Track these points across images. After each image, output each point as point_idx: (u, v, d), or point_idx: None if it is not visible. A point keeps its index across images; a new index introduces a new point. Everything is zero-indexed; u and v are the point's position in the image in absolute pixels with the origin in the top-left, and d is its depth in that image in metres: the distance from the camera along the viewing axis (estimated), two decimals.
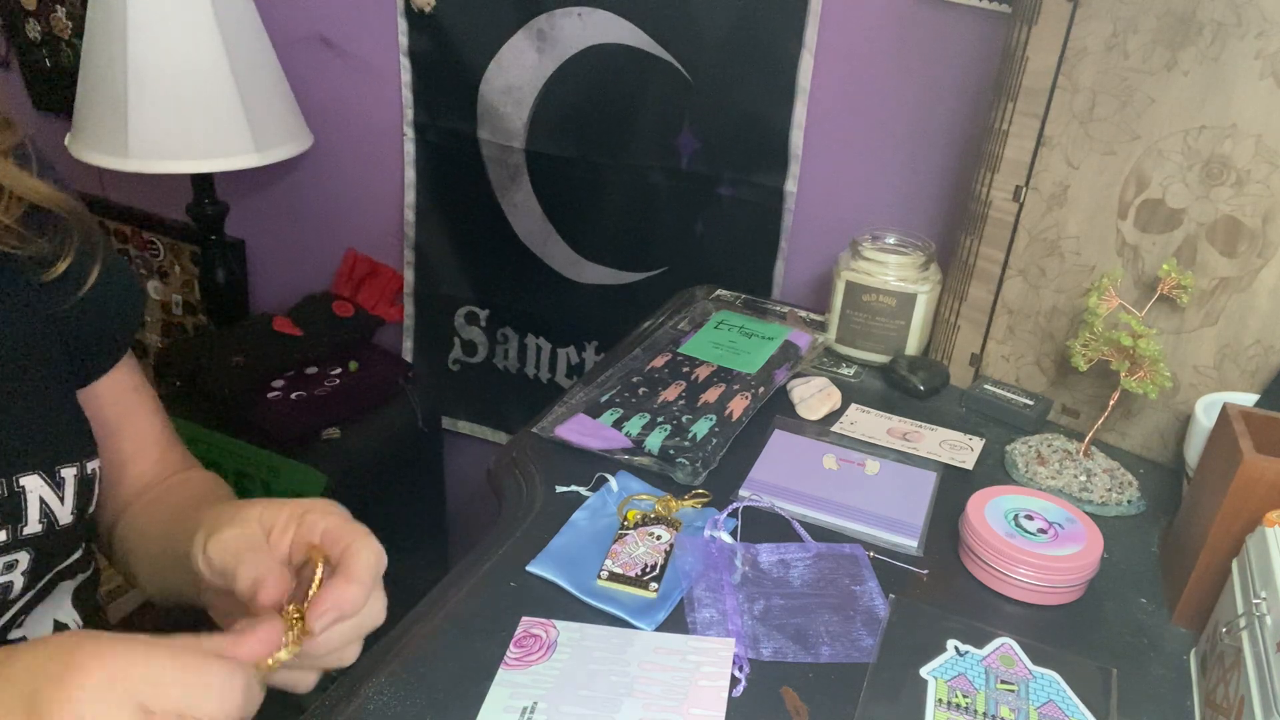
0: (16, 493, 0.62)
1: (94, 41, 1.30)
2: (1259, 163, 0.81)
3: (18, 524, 0.62)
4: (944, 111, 1.19)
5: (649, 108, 1.32)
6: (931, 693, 0.63)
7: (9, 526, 0.61)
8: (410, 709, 0.60)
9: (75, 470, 0.65)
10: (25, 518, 0.62)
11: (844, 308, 1.06)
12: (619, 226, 1.42)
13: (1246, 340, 0.86)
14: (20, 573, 0.63)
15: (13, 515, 0.62)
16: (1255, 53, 0.79)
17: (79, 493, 0.66)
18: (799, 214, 1.31)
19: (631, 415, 0.89)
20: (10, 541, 0.62)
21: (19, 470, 0.62)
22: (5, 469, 0.62)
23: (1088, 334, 0.86)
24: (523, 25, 1.34)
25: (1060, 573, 0.72)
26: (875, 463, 0.89)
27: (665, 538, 0.76)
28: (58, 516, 0.64)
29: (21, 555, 0.63)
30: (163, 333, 1.95)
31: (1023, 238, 0.96)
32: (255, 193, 1.70)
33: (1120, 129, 0.87)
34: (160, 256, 1.87)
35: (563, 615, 0.68)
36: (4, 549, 0.61)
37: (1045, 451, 0.90)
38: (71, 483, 0.65)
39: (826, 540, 0.78)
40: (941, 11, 1.14)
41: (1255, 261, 0.84)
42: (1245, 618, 0.60)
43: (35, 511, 0.63)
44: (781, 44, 1.22)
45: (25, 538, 0.62)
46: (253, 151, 1.35)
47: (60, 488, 0.64)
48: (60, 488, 0.64)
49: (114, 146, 1.30)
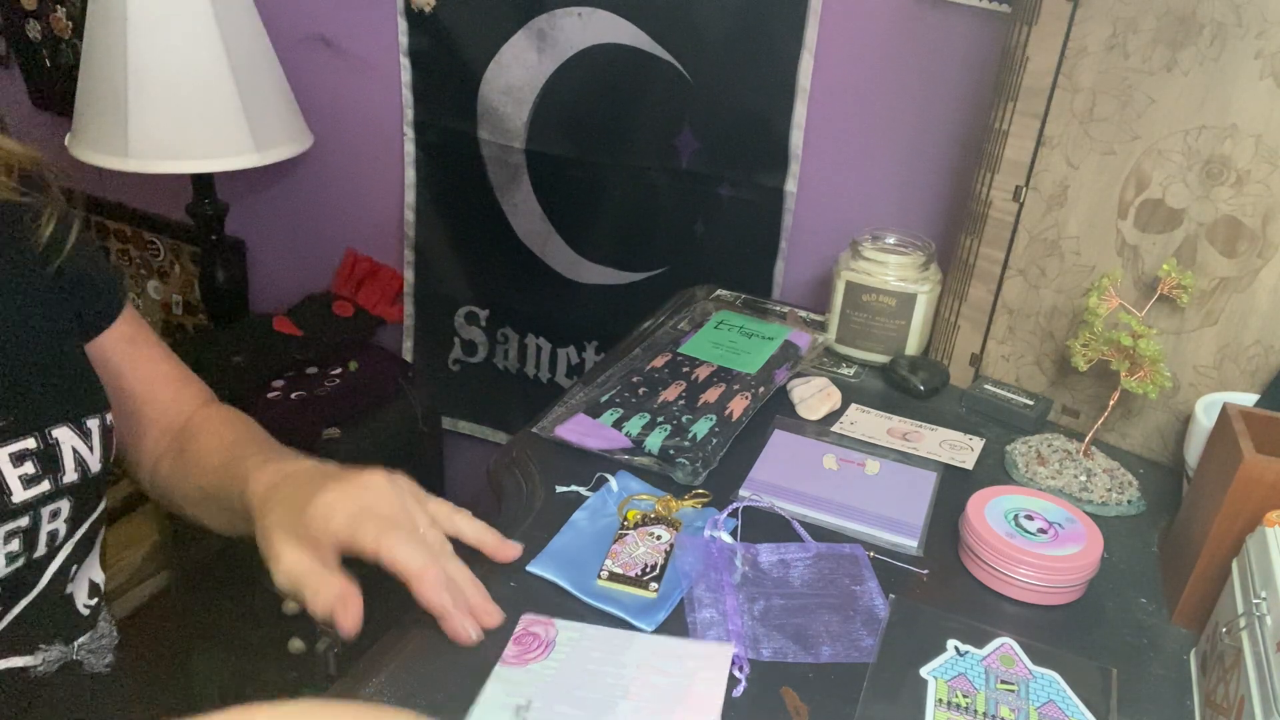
0: (52, 444, 0.67)
1: (94, 41, 1.30)
2: (1259, 163, 0.81)
3: (58, 473, 0.67)
4: (944, 111, 1.19)
5: (649, 108, 1.32)
6: (931, 693, 0.63)
7: (51, 475, 0.67)
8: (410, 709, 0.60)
9: (98, 421, 0.71)
10: (63, 467, 0.67)
11: (844, 308, 1.06)
12: (619, 226, 1.42)
13: (1246, 340, 0.86)
14: (64, 520, 0.68)
15: (53, 465, 0.67)
16: (1255, 53, 0.79)
17: (103, 442, 0.71)
18: (799, 214, 1.31)
19: (631, 415, 0.89)
20: (53, 490, 0.67)
21: (50, 423, 0.67)
22: (38, 422, 0.67)
23: (1088, 334, 0.86)
24: (523, 25, 1.34)
25: (1060, 573, 0.72)
26: (875, 463, 0.89)
27: (665, 538, 0.76)
28: (89, 465, 0.70)
29: (63, 503, 0.68)
30: (163, 333, 1.95)
31: (1023, 238, 0.96)
32: (255, 193, 1.70)
33: (1120, 129, 0.87)
34: (160, 256, 1.87)
35: (562, 615, 0.68)
36: (49, 498, 0.67)
37: (1045, 451, 0.90)
38: (97, 432, 0.70)
39: (826, 540, 0.78)
40: (941, 11, 1.14)
41: (1255, 261, 0.84)
42: (1245, 618, 0.60)
43: (70, 461, 0.68)
44: (781, 44, 1.22)
45: (65, 486, 0.68)
46: (253, 151, 1.35)
47: (88, 438, 0.70)
48: (88, 438, 0.70)
49: (114, 146, 1.30)
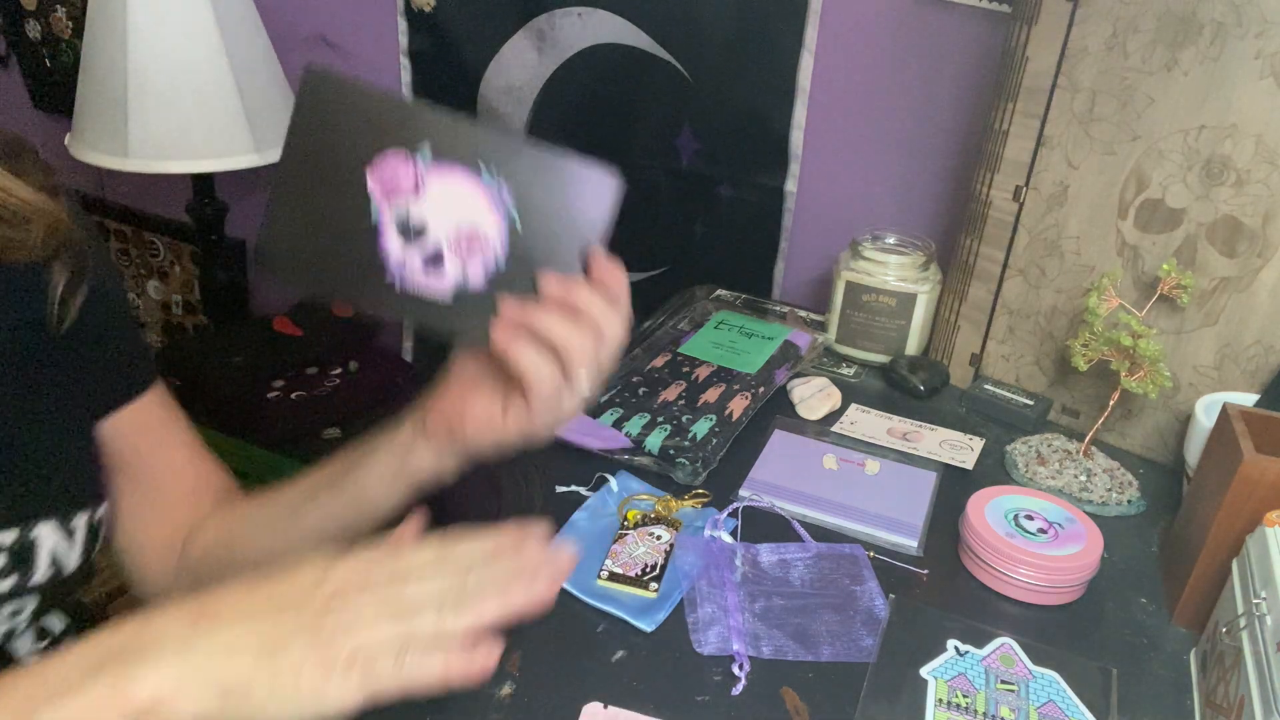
0: (29, 543, 0.60)
1: (94, 41, 1.29)
2: (1259, 163, 0.81)
3: (28, 573, 0.61)
4: (944, 111, 1.19)
5: (649, 108, 1.32)
6: (931, 693, 0.63)
7: (19, 573, 0.60)
8: (410, 709, 0.60)
9: (87, 517, 0.64)
10: (35, 566, 0.61)
11: (844, 308, 1.06)
12: (619, 226, 1.41)
13: (1246, 340, 0.86)
14: (25, 616, 0.63)
15: (23, 564, 0.60)
16: (1255, 53, 0.79)
17: (87, 538, 0.64)
18: (799, 214, 1.31)
19: (631, 415, 0.89)
20: (17, 588, 0.60)
21: (33, 517, 0.61)
22: (19, 515, 0.60)
23: (1088, 334, 0.86)
24: (523, 25, 1.34)
25: (1060, 573, 0.72)
26: (875, 463, 0.89)
27: (665, 538, 0.76)
28: (65, 564, 0.63)
29: (27, 601, 0.62)
30: (163, 333, 1.95)
31: (1023, 238, 0.96)
32: (255, 193, 1.70)
33: (1120, 129, 0.87)
34: (160, 256, 1.87)
35: (562, 615, 0.68)
36: (11, 596, 0.60)
37: (1045, 451, 0.90)
38: (82, 530, 0.64)
39: (826, 540, 0.78)
40: (941, 11, 1.14)
41: (1255, 261, 0.84)
42: (1245, 617, 0.60)
43: (44, 560, 0.62)
44: (781, 44, 1.22)
45: (32, 585, 0.61)
46: (253, 151, 1.35)
47: (71, 535, 0.63)
48: (71, 535, 0.63)
49: (114, 146, 1.30)
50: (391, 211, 0.55)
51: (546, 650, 0.65)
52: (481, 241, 0.55)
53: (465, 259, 0.55)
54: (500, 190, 0.54)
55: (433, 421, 0.62)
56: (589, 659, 0.65)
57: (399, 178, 0.54)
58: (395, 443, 0.64)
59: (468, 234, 0.55)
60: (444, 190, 0.55)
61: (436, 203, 0.55)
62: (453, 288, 0.56)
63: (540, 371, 0.55)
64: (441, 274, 0.55)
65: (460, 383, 0.62)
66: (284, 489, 0.70)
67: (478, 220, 0.55)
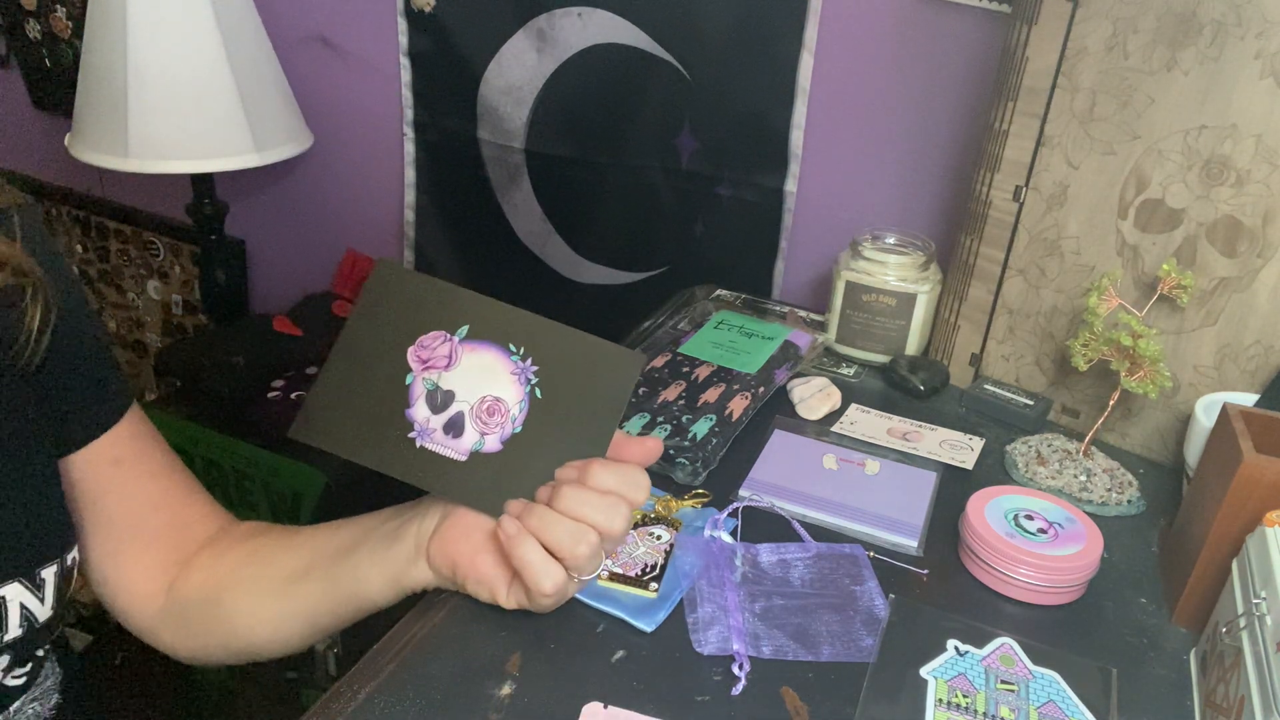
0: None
1: (94, 41, 1.30)
2: (1259, 163, 0.81)
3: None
4: (944, 111, 1.19)
5: (649, 108, 1.32)
6: (931, 693, 0.63)
7: None
8: (410, 709, 0.60)
9: (55, 568, 0.62)
10: (5, 626, 0.60)
11: (844, 308, 1.06)
12: (619, 226, 1.42)
13: (1246, 340, 0.86)
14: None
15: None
16: (1255, 53, 0.79)
17: (58, 588, 0.63)
18: (799, 214, 1.31)
19: (631, 415, 0.89)
20: None
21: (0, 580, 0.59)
22: None
23: (1088, 334, 0.86)
24: (523, 25, 1.34)
25: (1060, 573, 0.72)
26: (875, 463, 0.89)
27: (665, 538, 0.76)
28: (37, 617, 0.62)
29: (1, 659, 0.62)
30: (163, 333, 1.95)
31: (1023, 238, 0.96)
32: (255, 193, 1.70)
33: (1120, 129, 0.87)
34: (160, 256, 1.87)
35: (562, 615, 0.68)
36: None
37: (1045, 451, 0.90)
38: (51, 581, 0.62)
39: (826, 540, 0.78)
40: (941, 11, 1.14)
41: (1255, 261, 0.84)
42: (1245, 618, 0.60)
43: (15, 618, 0.60)
44: (781, 44, 1.22)
45: (5, 644, 0.60)
46: (253, 151, 1.35)
47: (40, 589, 0.61)
48: (40, 589, 0.61)
49: (114, 146, 1.30)
50: (423, 382, 0.61)
51: (546, 650, 0.65)
52: (502, 411, 0.61)
53: (484, 425, 0.61)
54: (525, 366, 0.61)
55: (436, 557, 0.64)
56: (589, 659, 0.65)
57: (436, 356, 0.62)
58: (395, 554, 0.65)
59: (490, 404, 0.61)
60: (473, 364, 0.61)
61: (465, 375, 0.61)
62: (470, 450, 0.61)
63: (542, 572, 0.58)
64: (461, 437, 0.62)
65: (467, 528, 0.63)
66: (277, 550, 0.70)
67: (501, 392, 0.61)
